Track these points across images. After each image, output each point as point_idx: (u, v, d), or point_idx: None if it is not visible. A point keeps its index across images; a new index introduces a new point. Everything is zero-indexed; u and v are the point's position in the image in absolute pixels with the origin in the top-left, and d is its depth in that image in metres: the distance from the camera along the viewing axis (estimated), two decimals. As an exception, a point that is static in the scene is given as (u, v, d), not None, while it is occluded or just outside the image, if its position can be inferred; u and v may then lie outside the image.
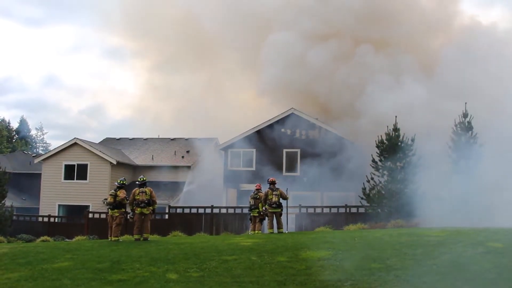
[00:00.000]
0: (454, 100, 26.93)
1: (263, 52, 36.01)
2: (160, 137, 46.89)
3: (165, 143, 44.09)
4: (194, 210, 28.52)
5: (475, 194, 22.52)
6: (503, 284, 9.43)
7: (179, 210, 29.64)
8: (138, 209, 18.00)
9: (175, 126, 51.25)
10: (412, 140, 25.99)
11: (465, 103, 24.90)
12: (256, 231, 21.07)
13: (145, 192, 18.06)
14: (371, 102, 29.97)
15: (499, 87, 27.14)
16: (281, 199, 20.79)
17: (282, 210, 20.84)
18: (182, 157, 40.62)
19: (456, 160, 24.46)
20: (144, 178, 18.61)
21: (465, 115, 24.95)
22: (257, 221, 21.29)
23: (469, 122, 24.83)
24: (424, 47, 34.36)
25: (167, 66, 51.15)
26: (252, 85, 39.78)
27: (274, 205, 20.44)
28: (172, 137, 45.62)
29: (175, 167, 39.01)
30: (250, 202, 21.66)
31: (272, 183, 20.84)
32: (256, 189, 21.77)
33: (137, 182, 18.63)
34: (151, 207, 18.14)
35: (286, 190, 21.97)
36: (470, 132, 24.69)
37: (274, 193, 20.52)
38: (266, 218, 20.93)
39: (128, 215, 18.59)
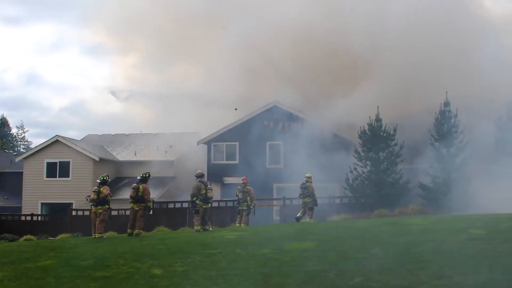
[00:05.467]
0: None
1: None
2: (142, 132, 46.62)
3: (148, 139, 43.79)
4: (178, 205, 28.43)
5: (457, 182, 22.78)
6: (486, 270, 9.52)
7: (163, 205, 29.54)
8: (131, 204, 18.40)
9: (157, 121, 50.90)
10: (394, 130, 26.17)
11: (446, 92, 25.10)
12: (242, 224, 21.20)
13: (137, 188, 18.21)
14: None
15: None
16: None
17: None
18: (165, 152, 40.44)
19: (439, 148, 24.70)
20: (145, 175, 18.66)
21: (446, 103, 25.15)
22: (244, 214, 21.46)
23: (450, 111, 25.04)
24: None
25: (149, 62, 50.78)
26: (235, 77, 39.60)
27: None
28: (154, 132, 45.39)
29: (158, 162, 38.81)
30: (238, 195, 21.74)
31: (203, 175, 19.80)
32: (243, 183, 21.84)
33: (138, 177, 18.77)
34: (142, 204, 18.23)
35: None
36: (452, 120, 24.90)
37: (208, 187, 19.27)
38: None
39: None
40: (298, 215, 22.47)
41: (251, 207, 21.51)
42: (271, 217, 30.21)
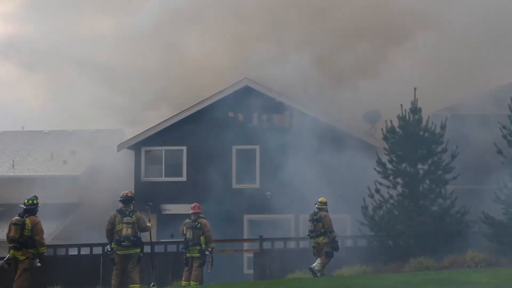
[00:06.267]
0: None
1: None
2: (25, 129, 46.09)
3: (35, 140, 43.35)
4: (85, 250, 28.08)
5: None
6: None
7: (59, 251, 29.13)
8: (11, 251, 17.92)
9: (50, 110, 50.30)
10: (443, 127, 26.13)
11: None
12: (192, 282, 21.03)
13: (22, 224, 17.84)
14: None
15: None
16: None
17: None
18: (64, 162, 40.06)
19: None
20: (32, 202, 18.28)
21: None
22: (195, 265, 21.25)
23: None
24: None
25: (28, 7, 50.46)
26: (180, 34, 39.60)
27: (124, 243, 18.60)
28: (46, 129, 44.88)
29: (53, 179, 38.37)
30: (185, 234, 21.52)
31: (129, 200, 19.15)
32: (194, 213, 21.62)
33: (22, 206, 18.37)
34: (30, 250, 17.95)
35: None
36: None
37: (124, 220, 18.55)
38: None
39: (1, 262, 18.45)
40: (315, 265, 22.29)
41: (207, 253, 21.35)
42: (241, 270, 30.11)
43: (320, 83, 33.72)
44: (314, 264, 22.05)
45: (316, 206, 22.81)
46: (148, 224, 19.64)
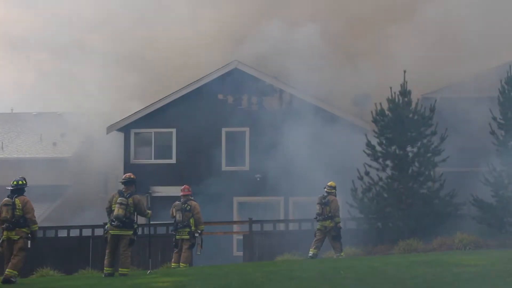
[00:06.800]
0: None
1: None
2: (14, 111, 45.87)
3: (24, 121, 43.16)
4: (74, 232, 28.04)
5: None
6: None
7: (49, 233, 29.07)
8: (4, 232, 17.74)
9: (39, 92, 50.01)
10: (432, 109, 26.10)
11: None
12: (182, 264, 20.97)
13: (13, 204, 17.72)
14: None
15: None
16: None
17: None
18: (54, 144, 39.94)
19: (505, 140, 24.75)
20: (21, 182, 18.17)
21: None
22: (185, 247, 21.15)
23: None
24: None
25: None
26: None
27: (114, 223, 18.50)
28: (35, 111, 44.71)
29: (42, 161, 38.28)
30: (174, 216, 21.46)
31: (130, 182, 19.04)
32: (183, 195, 21.51)
33: (9, 188, 18.21)
34: (23, 230, 17.85)
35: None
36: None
37: (118, 200, 18.42)
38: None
39: None
40: (311, 252, 22.70)
41: (196, 235, 21.30)
42: (230, 252, 30.14)
43: (312, 64, 33.62)
44: (337, 256, 22.45)
45: (325, 190, 22.84)
46: (148, 211, 19.50)
